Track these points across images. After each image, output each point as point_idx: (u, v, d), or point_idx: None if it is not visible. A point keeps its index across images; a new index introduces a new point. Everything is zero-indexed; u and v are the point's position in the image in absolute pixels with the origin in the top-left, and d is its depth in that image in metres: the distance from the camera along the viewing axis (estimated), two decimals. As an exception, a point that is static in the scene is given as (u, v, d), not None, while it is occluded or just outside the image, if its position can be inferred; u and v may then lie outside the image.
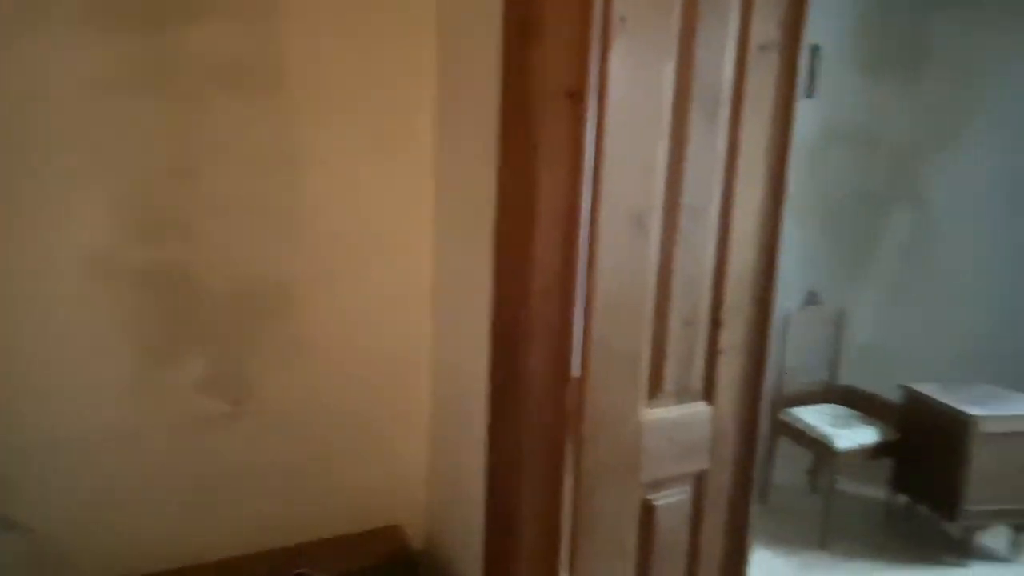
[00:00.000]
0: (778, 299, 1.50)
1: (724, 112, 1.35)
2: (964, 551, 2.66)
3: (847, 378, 4.19)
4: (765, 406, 1.54)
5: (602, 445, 1.32)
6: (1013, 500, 2.59)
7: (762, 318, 1.49)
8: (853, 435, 2.75)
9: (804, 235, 3.99)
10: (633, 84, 1.21)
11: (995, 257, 3.49)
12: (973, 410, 2.54)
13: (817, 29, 3.82)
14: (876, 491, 3.08)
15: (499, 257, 1.31)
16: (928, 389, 2.79)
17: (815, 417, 2.91)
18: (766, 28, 1.36)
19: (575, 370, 1.28)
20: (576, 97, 1.19)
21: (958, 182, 3.69)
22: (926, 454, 2.73)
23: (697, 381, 1.45)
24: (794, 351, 3.08)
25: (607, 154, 1.20)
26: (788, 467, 3.26)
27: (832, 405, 3.07)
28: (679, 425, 1.43)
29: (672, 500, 1.47)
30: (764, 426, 1.55)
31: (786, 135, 1.43)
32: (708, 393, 1.46)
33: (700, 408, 1.46)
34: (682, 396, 1.43)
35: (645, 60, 1.22)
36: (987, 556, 2.70)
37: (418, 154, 1.55)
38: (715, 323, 1.44)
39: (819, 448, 2.80)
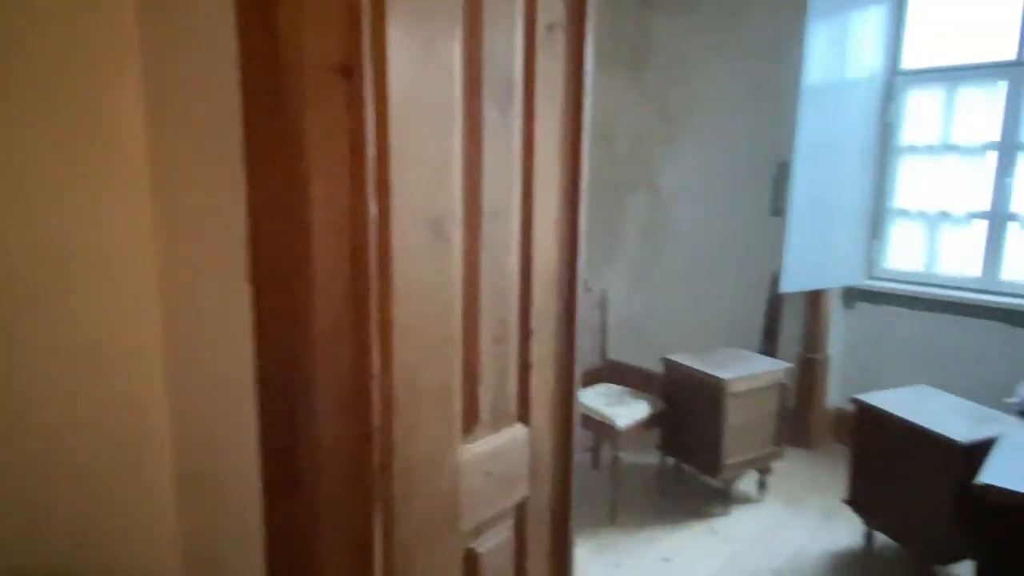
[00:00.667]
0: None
1: (517, 100, 1.19)
2: (726, 499, 2.99)
3: (615, 356, 4.49)
4: (577, 414, 1.45)
5: (416, 504, 1.08)
6: (757, 448, 2.97)
7: (568, 321, 1.38)
8: (630, 412, 2.90)
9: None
10: (417, 61, 0.98)
11: (720, 237, 4.00)
12: (724, 374, 2.83)
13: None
14: (649, 458, 3.31)
15: (261, 291, 0.98)
16: (684, 359, 3.05)
17: (593, 399, 3.01)
18: (551, 3, 1.23)
19: (376, 419, 1.01)
20: (347, 73, 0.92)
21: (684, 170, 4.15)
22: (688, 419, 2.99)
23: (512, 402, 1.28)
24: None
25: (394, 147, 0.95)
26: (573, 450, 3.35)
27: (605, 384, 3.21)
28: (497, 456, 1.26)
29: (496, 542, 1.29)
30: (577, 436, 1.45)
31: (579, 124, 1.32)
32: (523, 413, 1.31)
33: (517, 432, 1.30)
34: (498, 422, 1.25)
35: (429, 32, 0.99)
36: (743, 500, 3.07)
37: (118, 152, 1.12)
38: (526, 334, 1.28)
39: (602, 428, 2.90)
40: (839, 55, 3.20)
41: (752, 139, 3.78)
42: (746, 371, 2.89)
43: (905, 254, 3.51)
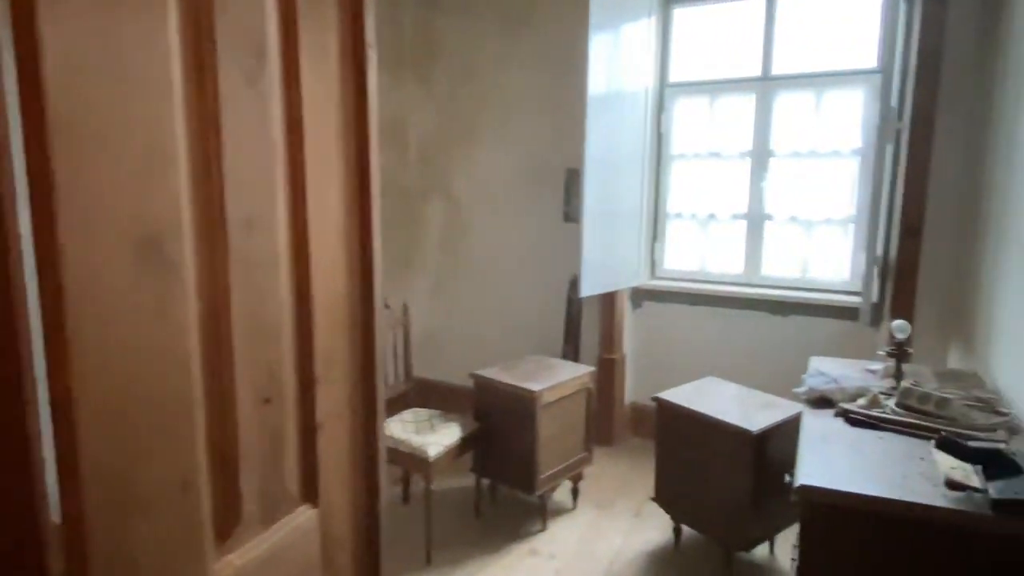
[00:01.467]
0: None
1: (273, 66, 0.87)
2: (543, 514, 2.88)
3: (420, 373, 4.21)
4: (384, 476, 1.15)
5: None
6: (569, 456, 2.91)
7: (367, 360, 1.08)
8: (440, 438, 2.65)
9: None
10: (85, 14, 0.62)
11: (518, 244, 3.94)
12: (534, 385, 2.72)
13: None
14: (464, 481, 3.10)
15: None
16: (493, 373, 2.89)
17: (401, 429, 2.72)
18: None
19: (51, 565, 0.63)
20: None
21: (479, 176, 4.03)
22: (501, 436, 2.83)
23: (292, 481, 0.95)
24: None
25: (57, 121, 0.59)
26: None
27: (412, 410, 2.93)
28: (275, 559, 0.92)
29: (282, 672, 0.95)
30: (385, 497, 1.16)
31: (364, 105, 1.04)
32: (310, 491, 0.99)
33: (301, 518, 0.97)
34: (272, 513, 0.92)
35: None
36: (559, 512, 3.00)
37: None
38: (308, 385, 0.96)
39: (412, 461, 2.61)
40: (617, 67, 3.31)
41: (544, 146, 3.78)
42: (554, 380, 2.82)
43: (682, 254, 3.75)
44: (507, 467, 2.84)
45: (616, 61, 3.30)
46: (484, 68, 3.90)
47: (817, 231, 3.39)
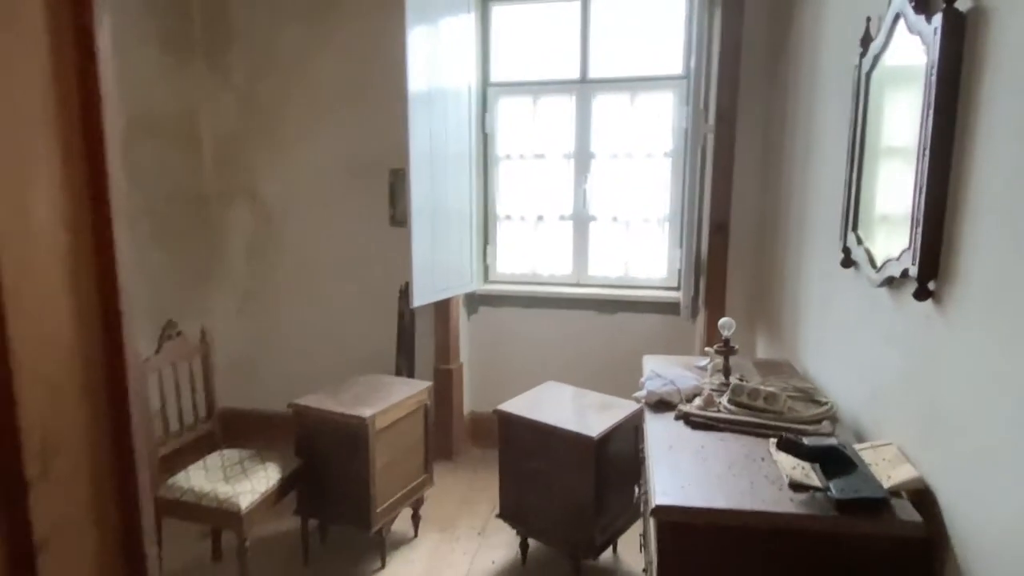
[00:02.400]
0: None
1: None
2: (381, 550, 2.62)
3: (228, 403, 3.72)
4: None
5: None
6: (407, 481, 2.69)
7: (120, 438, 0.78)
8: (254, 484, 2.29)
9: (139, 254, 3.21)
10: None
11: (340, 252, 3.60)
12: (364, 410, 2.45)
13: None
14: (287, 525, 2.74)
15: None
16: (315, 400, 2.57)
17: (205, 478, 2.30)
18: None
19: None
20: None
21: (291, 178, 3.62)
22: (330, 471, 2.52)
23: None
24: (159, 401, 2.35)
25: None
26: (177, 542, 2.55)
27: (220, 452, 2.51)
28: None
29: None
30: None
31: (94, 83, 0.74)
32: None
33: None
34: None
35: None
36: (400, 543, 2.75)
37: None
38: (18, 491, 0.64)
39: (221, 516, 2.21)
40: (439, 62, 3.13)
41: (363, 144, 3.49)
42: (388, 400, 2.57)
43: (514, 257, 3.69)
44: (338, 504, 2.54)
45: (437, 56, 3.13)
46: (288, 56, 3.51)
47: (636, 230, 3.50)
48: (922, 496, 1.24)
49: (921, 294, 1.25)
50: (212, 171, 3.68)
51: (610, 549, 2.60)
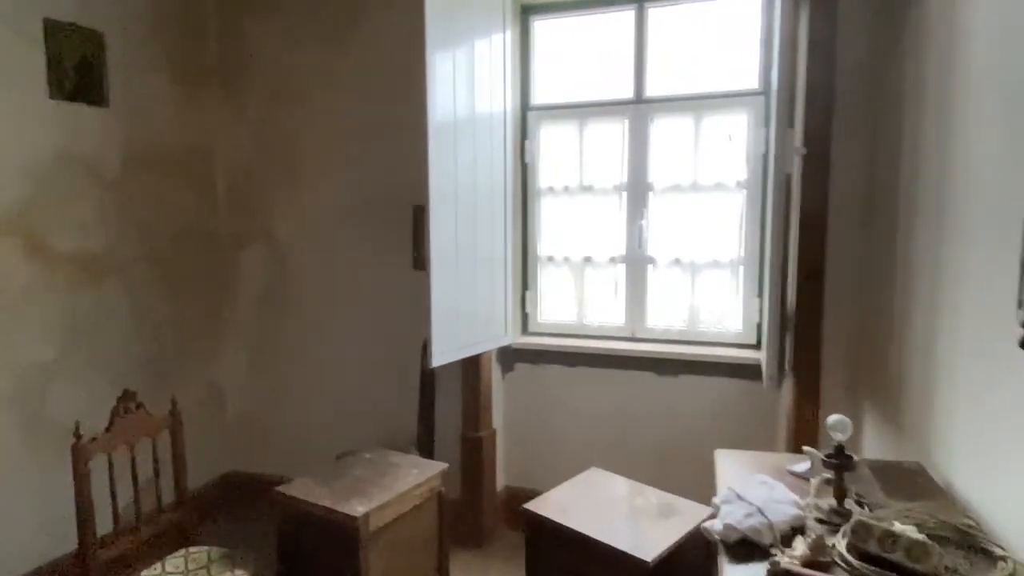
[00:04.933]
0: None
1: None
2: None
3: (238, 466, 3.35)
4: None
5: None
6: (414, 592, 2.17)
7: None
8: (217, 600, 1.82)
9: (139, 302, 2.88)
10: None
11: (359, 300, 3.18)
12: (357, 505, 1.97)
13: (97, 9, 2.74)
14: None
15: None
16: (301, 488, 2.11)
17: (161, 585, 1.85)
18: None
19: None
20: None
21: (307, 217, 3.25)
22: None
23: None
24: (108, 490, 1.92)
25: None
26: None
27: (185, 552, 2.06)
28: None
29: None
30: None
31: None
32: None
33: None
34: None
35: None
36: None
37: None
38: None
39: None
40: (468, 88, 2.70)
41: (385, 178, 3.09)
42: (389, 491, 2.08)
43: (556, 305, 3.17)
44: (326, 621, 2.05)
45: (466, 80, 2.69)
46: (305, 84, 3.17)
47: (704, 275, 2.92)
48: None
49: None
50: (225, 210, 3.35)
51: None
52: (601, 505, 2.02)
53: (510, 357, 3.14)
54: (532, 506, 1.99)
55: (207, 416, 3.27)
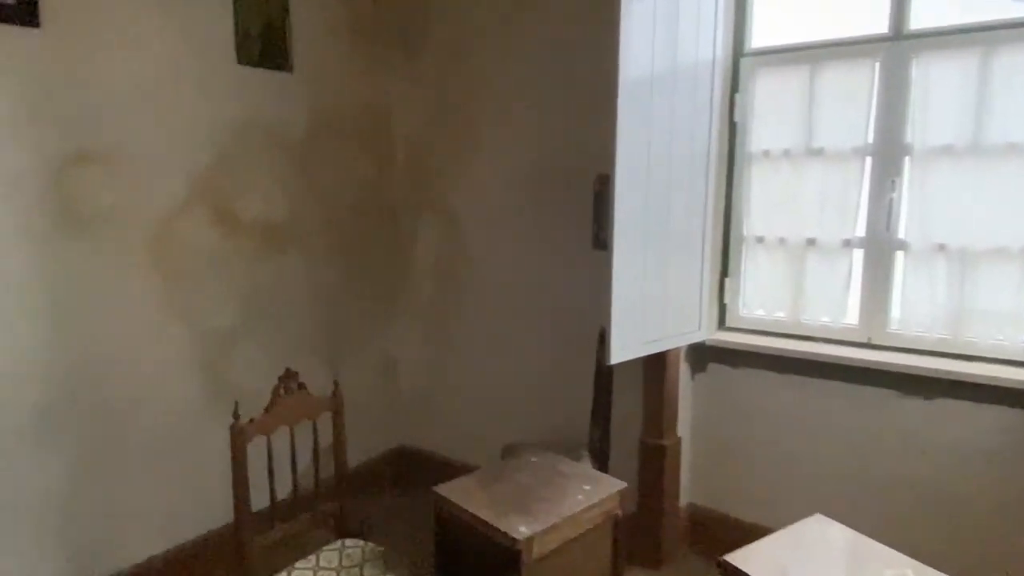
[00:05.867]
0: None
1: None
2: None
3: (410, 442, 3.29)
4: None
5: None
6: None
7: None
8: (364, 610, 1.64)
9: (308, 270, 2.85)
10: None
11: (533, 278, 2.89)
12: (522, 525, 1.68)
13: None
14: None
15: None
16: (461, 493, 1.86)
17: (313, 582, 1.72)
18: None
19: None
20: None
21: (483, 188, 3.01)
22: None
23: None
24: (266, 475, 1.83)
25: None
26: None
27: (340, 546, 1.91)
28: None
29: None
30: None
31: None
32: None
33: None
34: None
35: None
36: None
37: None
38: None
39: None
40: (668, 33, 2.23)
41: (565, 146, 2.73)
42: (559, 510, 1.76)
43: (765, 297, 2.61)
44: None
45: (667, 23, 2.23)
46: (483, 42, 2.90)
47: (980, 266, 2.18)
48: None
49: None
50: (403, 180, 3.23)
51: None
52: (822, 569, 1.52)
53: (703, 355, 2.66)
54: (737, 561, 1.55)
55: (379, 388, 3.23)
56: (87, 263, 2.14)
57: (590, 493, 1.87)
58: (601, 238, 2.57)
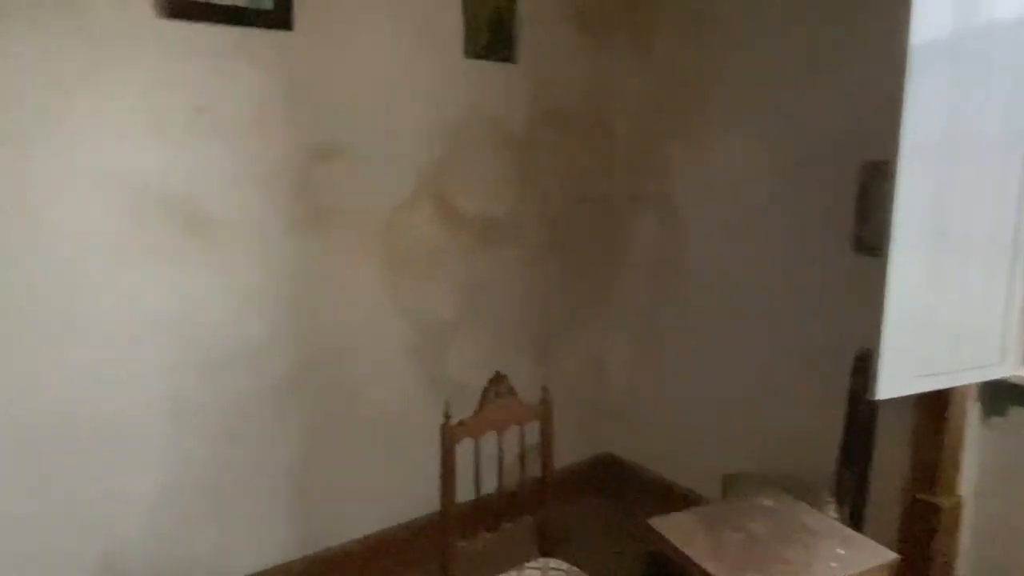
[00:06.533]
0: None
1: None
2: None
3: (614, 449, 3.11)
4: None
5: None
6: None
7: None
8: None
9: (524, 267, 2.77)
10: None
11: (769, 285, 2.51)
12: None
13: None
14: None
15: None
16: (679, 531, 1.61)
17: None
18: None
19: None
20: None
21: (712, 178, 2.68)
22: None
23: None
24: (472, 481, 1.75)
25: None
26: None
27: (543, 565, 1.78)
28: None
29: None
30: None
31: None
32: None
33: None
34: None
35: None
36: None
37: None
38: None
39: None
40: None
41: (818, 129, 2.30)
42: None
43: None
44: None
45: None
46: (720, 11, 2.56)
47: None
48: None
49: None
50: (622, 169, 3.03)
51: None
52: None
53: (1002, 395, 2.06)
54: None
55: (586, 391, 3.07)
56: (326, 252, 2.28)
57: (846, 561, 1.50)
58: (867, 240, 2.11)
